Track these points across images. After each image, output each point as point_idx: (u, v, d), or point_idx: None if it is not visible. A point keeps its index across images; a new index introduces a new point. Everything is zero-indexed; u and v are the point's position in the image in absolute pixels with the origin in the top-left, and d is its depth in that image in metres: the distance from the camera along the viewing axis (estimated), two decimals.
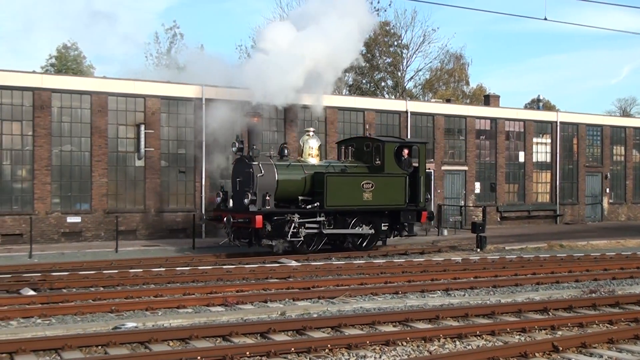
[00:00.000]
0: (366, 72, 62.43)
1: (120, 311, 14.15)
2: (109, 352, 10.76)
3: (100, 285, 17.61)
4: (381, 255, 25.10)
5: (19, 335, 11.76)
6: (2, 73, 28.99)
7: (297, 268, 20.40)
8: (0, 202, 28.50)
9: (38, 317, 13.49)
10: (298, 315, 13.70)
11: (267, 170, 23.65)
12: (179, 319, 13.31)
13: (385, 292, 16.38)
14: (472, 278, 18.81)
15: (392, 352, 10.73)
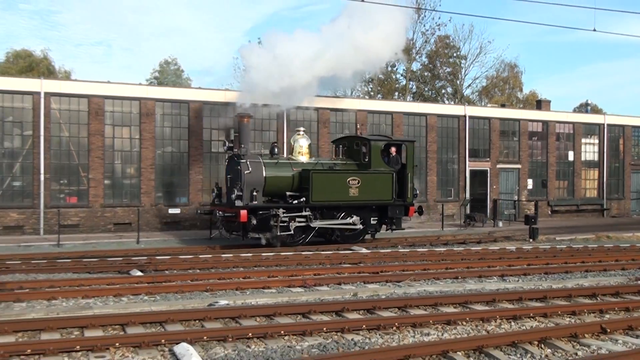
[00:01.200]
0: (428, 80, 62.25)
1: (214, 290, 14.35)
2: (205, 325, 10.99)
3: (197, 268, 17.88)
4: (442, 244, 24.91)
5: (129, 310, 12.12)
6: (115, 85, 29.77)
7: (367, 255, 20.38)
8: (113, 195, 29.35)
9: (145, 295, 13.84)
10: (368, 297, 13.75)
11: (255, 168, 22.92)
12: (264, 298, 13.50)
13: (446, 277, 16.29)
14: (525, 265, 18.57)
15: (453, 331, 10.72)
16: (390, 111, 35.34)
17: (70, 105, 29.02)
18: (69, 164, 28.83)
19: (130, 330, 10.60)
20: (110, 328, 10.79)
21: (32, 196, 28.17)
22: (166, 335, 9.99)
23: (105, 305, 12.84)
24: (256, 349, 9.59)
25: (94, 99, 29.18)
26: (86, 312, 11.93)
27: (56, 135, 28.54)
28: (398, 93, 60.24)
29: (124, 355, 9.27)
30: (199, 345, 9.63)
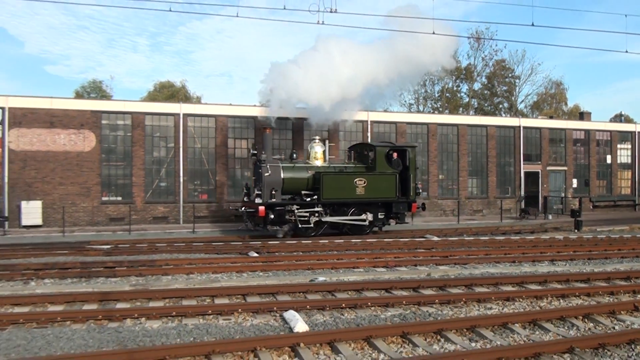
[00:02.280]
0: (487, 97, 61.27)
1: (314, 269, 14.60)
2: (307, 297, 11.20)
3: (300, 251, 18.16)
4: (501, 233, 24.45)
5: (249, 283, 12.47)
6: (235, 107, 30.55)
7: (438, 242, 20.25)
8: (234, 193, 30.04)
9: (260, 271, 14.20)
10: (440, 276, 13.68)
11: (274, 170, 22.34)
12: (354, 276, 13.60)
13: (505, 261, 16.00)
14: (571, 252, 18.02)
15: (512, 306, 10.57)
16: (456, 124, 34.91)
17: (202, 123, 29.91)
18: (201, 169, 29.72)
19: (249, 299, 10.94)
20: (234, 297, 11.16)
21: (174, 194, 29.24)
22: (277, 304, 10.25)
23: (230, 279, 13.24)
24: (348, 316, 9.75)
25: (219, 118, 30.00)
26: (215, 285, 12.36)
27: (191, 147, 29.56)
28: (462, 108, 59.54)
29: (245, 318, 9.58)
30: (303, 313, 9.85)
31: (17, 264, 15.30)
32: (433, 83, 59.10)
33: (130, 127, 28.87)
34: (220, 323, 9.29)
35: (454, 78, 59.22)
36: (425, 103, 59.59)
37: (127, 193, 28.72)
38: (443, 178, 34.43)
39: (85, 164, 27.97)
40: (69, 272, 13.91)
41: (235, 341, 8.06)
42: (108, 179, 28.56)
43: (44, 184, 27.37)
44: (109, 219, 28.16)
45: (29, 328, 9.17)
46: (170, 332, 8.68)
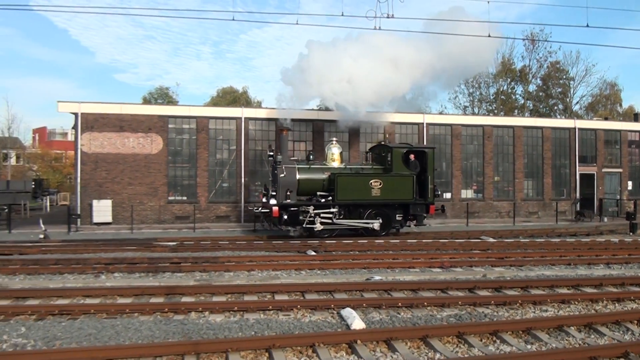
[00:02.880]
0: (542, 99, 59.83)
1: (370, 268, 14.51)
2: (364, 295, 11.14)
3: (357, 250, 18.08)
4: (556, 236, 23.78)
5: (307, 281, 12.48)
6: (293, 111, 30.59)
7: (494, 243, 19.83)
8: None
9: (318, 270, 14.21)
10: (495, 277, 13.39)
11: (289, 172, 21.78)
12: (410, 276, 13.47)
13: (560, 264, 15.54)
14: (627, 255, 17.35)
15: (567, 309, 10.27)
16: (512, 125, 34.14)
17: (262, 127, 30.17)
18: (261, 170, 29.90)
19: (308, 296, 10.95)
20: (293, 294, 11.18)
21: (235, 194, 29.58)
22: (334, 301, 10.22)
23: (289, 276, 13.30)
24: (404, 315, 9.64)
25: (279, 121, 30.18)
26: (275, 281, 12.43)
27: (252, 149, 29.83)
28: (517, 110, 58.27)
29: (304, 315, 9.59)
30: (360, 310, 9.79)
31: (88, 259, 15.77)
32: (488, 85, 58.10)
33: (195, 130, 29.39)
34: (280, 318, 9.32)
35: (509, 80, 58.05)
36: (480, 105, 58.63)
37: (191, 193, 29.24)
38: (498, 180, 33.73)
39: (153, 165, 28.61)
40: (137, 267, 14.23)
41: (295, 336, 8.07)
42: (174, 179, 29.14)
43: (114, 184, 28.12)
44: (175, 217, 28.72)
45: (99, 318, 9.42)
46: (233, 326, 8.76)
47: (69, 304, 10.32)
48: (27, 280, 13.00)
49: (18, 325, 9.01)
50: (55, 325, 8.94)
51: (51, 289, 11.48)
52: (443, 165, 32.61)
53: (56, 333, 8.54)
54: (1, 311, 9.76)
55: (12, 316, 9.61)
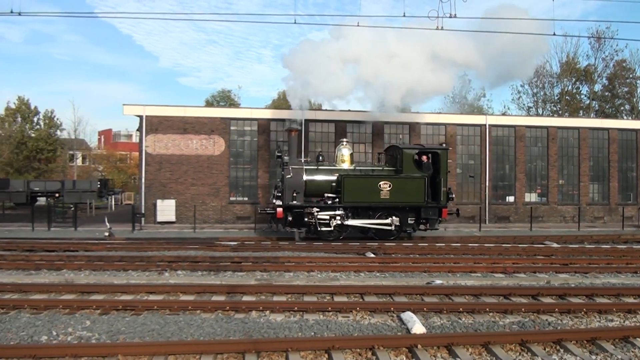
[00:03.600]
0: (608, 99, 57.80)
1: (430, 271, 14.25)
2: (424, 299, 10.95)
3: (417, 253, 17.82)
4: (622, 242, 22.82)
5: (366, 283, 12.35)
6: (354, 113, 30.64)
7: (558, 249, 19.22)
8: None
9: (377, 272, 14.05)
10: (560, 284, 12.93)
11: (296, 173, 21.41)
12: (471, 280, 13.18)
13: (627, 271, 14.85)
14: None
15: (634, 319, 9.81)
16: (577, 127, 33.15)
17: (322, 128, 30.26)
18: None
19: (367, 299, 10.84)
20: (352, 296, 11.09)
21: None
22: (394, 304, 10.09)
23: (348, 278, 13.23)
24: (466, 321, 9.43)
25: (339, 123, 30.23)
26: (335, 283, 12.37)
27: (312, 151, 29.84)
28: (582, 111, 56.49)
29: (363, 317, 9.50)
30: (420, 314, 9.63)
31: (152, 256, 16.11)
32: (552, 85, 56.49)
33: (256, 132, 29.73)
34: (340, 320, 9.26)
35: (574, 80, 56.33)
36: (544, 106, 57.11)
37: (252, 194, 29.56)
38: (563, 183, 32.77)
39: (215, 166, 29.08)
40: (199, 265, 14.46)
41: (354, 338, 8.01)
42: (235, 180, 29.54)
43: (178, 184, 28.72)
44: (236, 217, 29.11)
45: (162, 314, 9.57)
46: (293, 326, 8.76)
47: (133, 299, 10.54)
48: (92, 276, 13.38)
49: (83, 318, 9.28)
50: (119, 320, 9.15)
51: (116, 285, 11.77)
52: (506, 168, 31.96)
53: (120, 327, 8.73)
54: (67, 305, 10.07)
55: (77, 310, 9.89)
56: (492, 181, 31.67)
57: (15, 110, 59.10)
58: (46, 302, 10.23)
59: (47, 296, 11.06)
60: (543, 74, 55.44)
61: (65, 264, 14.82)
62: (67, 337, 8.33)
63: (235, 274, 13.73)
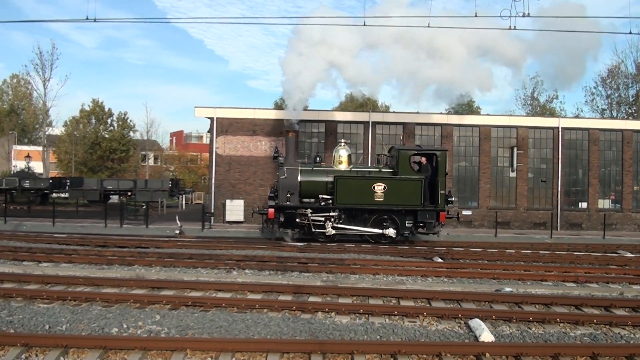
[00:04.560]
0: None
1: (499, 278, 13.93)
2: (492, 306, 10.72)
3: (485, 259, 17.47)
4: None
5: (433, 288, 12.19)
6: (422, 115, 30.36)
7: (631, 258, 18.39)
8: None
9: (444, 277, 13.86)
10: (633, 296, 12.39)
11: (291, 174, 21.10)
12: (542, 289, 12.80)
13: None
14: None
15: None
16: None
17: (390, 131, 30.12)
18: None
19: (434, 304, 10.72)
20: (419, 300, 10.98)
21: None
22: (462, 311, 9.94)
23: (415, 282, 13.08)
24: (535, 331, 9.17)
25: (407, 126, 30.03)
26: (401, 287, 12.27)
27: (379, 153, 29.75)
28: None
29: (430, 323, 9.39)
30: (489, 322, 9.44)
31: (221, 255, 16.45)
32: (627, 86, 54.14)
33: (324, 134, 29.87)
34: (406, 325, 9.19)
35: None
36: (619, 108, 54.87)
37: None
38: (638, 189, 31.39)
39: None
40: (266, 265, 14.66)
41: (421, 344, 7.93)
42: None
43: (246, 185, 29.19)
44: None
45: (230, 312, 9.75)
46: (358, 329, 8.75)
47: (202, 296, 10.79)
48: (163, 272, 13.78)
49: (153, 313, 9.56)
50: (188, 316, 9.38)
51: (185, 282, 12.08)
52: (579, 173, 30.95)
53: (189, 323, 8.94)
54: (138, 299, 10.42)
55: (147, 304, 10.20)
56: (564, 186, 30.70)
57: (89, 113, 61.67)
58: (117, 296, 10.63)
59: (118, 290, 11.47)
60: (617, 75, 53.35)
61: (137, 259, 15.32)
62: (137, 331, 8.61)
63: (301, 274, 13.84)
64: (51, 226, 26.09)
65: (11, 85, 74.72)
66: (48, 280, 12.27)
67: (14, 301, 10.40)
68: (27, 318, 9.14)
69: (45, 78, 55.87)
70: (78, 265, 14.93)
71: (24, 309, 9.74)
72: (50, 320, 9.05)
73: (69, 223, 27.42)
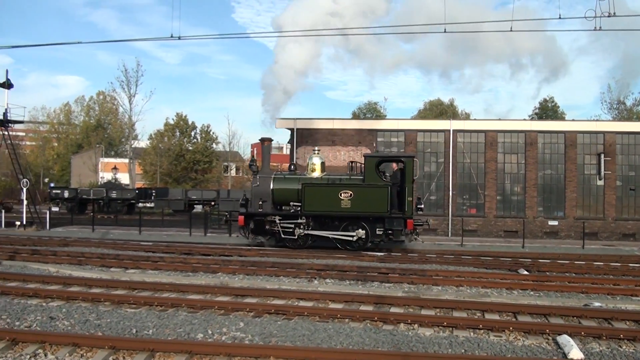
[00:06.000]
0: None
1: (588, 293, 13.36)
2: (581, 322, 10.31)
3: (573, 272, 16.83)
4: None
5: (519, 302, 11.83)
6: (505, 122, 29.80)
7: None
8: (504, 208, 29.25)
9: (530, 290, 13.43)
10: None
11: (263, 182, 21.53)
12: (632, 305, 12.18)
13: None
14: None
15: None
16: None
17: (471, 139, 29.63)
18: (470, 183, 29.41)
19: (520, 318, 10.43)
20: (504, 314, 10.71)
21: (443, 207, 29.35)
22: (549, 326, 9.61)
23: (500, 295, 12.77)
24: (627, 349, 8.74)
25: (489, 133, 29.44)
26: (485, 299, 12.01)
27: (460, 162, 29.42)
28: None
29: (516, 337, 9.12)
30: (577, 339, 9.08)
31: (302, 264, 16.66)
32: None
33: (403, 143, 29.73)
34: (491, 339, 8.98)
35: None
36: None
37: None
38: None
39: None
40: (347, 275, 14.70)
41: (508, 359, 7.74)
42: None
43: None
44: None
45: (312, 321, 9.84)
46: (442, 342, 8.63)
47: (284, 304, 10.94)
48: (246, 280, 14.07)
49: (237, 320, 9.77)
50: (271, 323, 9.54)
51: (268, 290, 12.30)
52: None
53: (272, 330, 9.09)
54: (222, 306, 10.70)
55: (231, 311, 10.46)
56: None
57: (174, 126, 63.97)
58: (202, 302, 10.95)
59: (203, 297, 11.80)
60: None
61: (221, 267, 15.73)
62: (222, 337, 8.82)
63: (382, 284, 13.80)
64: (137, 234, 27.17)
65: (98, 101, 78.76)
66: (135, 286, 12.82)
67: (102, 305, 10.94)
68: (114, 322, 9.56)
69: (130, 94, 58.30)
70: (164, 272, 15.48)
71: (112, 313, 10.21)
72: (137, 324, 9.44)
73: (154, 231, 28.46)
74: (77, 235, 26.16)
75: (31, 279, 13.66)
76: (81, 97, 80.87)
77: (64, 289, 12.58)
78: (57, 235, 26.09)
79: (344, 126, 30.25)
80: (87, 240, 23.20)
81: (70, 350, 7.96)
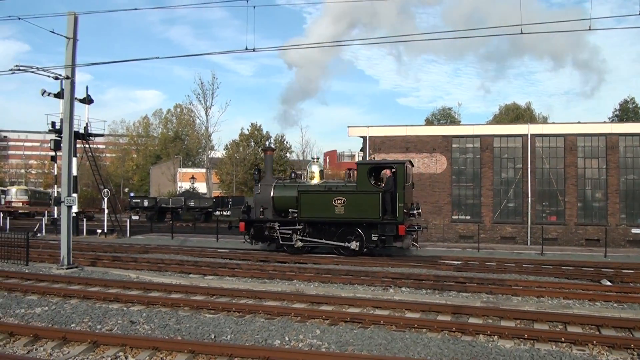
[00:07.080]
0: None
1: None
2: None
3: None
4: None
5: (602, 314, 11.35)
6: (584, 125, 28.80)
7: None
8: (585, 216, 28.21)
9: (614, 302, 12.85)
10: None
11: (264, 190, 22.47)
12: None
13: None
14: None
15: None
16: None
17: (550, 143, 28.79)
18: (549, 189, 28.55)
19: (604, 332, 10.00)
20: (587, 327, 10.32)
21: (521, 214, 28.60)
22: (635, 340, 9.15)
23: (582, 307, 12.33)
24: None
25: (568, 137, 28.51)
26: (567, 311, 11.62)
27: (539, 167, 28.62)
28: None
29: (600, 352, 8.75)
30: None
31: (377, 272, 16.61)
32: None
33: (479, 149, 29.21)
34: (574, 353, 8.65)
35: None
36: None
37: (475, 212, 29.05)
38: None
39: (437, 184, 29.11)
40: (423, 284, 14.55)
41: None
42: (458, 198, 29.28)
43: None
44: (459, 236, 28.79)
45: (388, 330, 9.79)
46: (523, 355, 8.37)
47: (360, 313, 10.95)
48: (321, 288, 14.16)
49: (313, 327, 9.83)
50: (347, 332, 9.52)
51: (343, 297, 12.34)
52: None
53: (348, 339, 9.09)
54: (298, 313, 10.81)
55: (307, 319, 10.54)
56: None
57: (248, 136, 65.25)
58: (279, 309, 11.09)
59: (279, 303, 11.96)
60: None
61: (296, 274, 15.91)
62: (299, 344, 8.89)
63: (459, 294, 13.58)
64: (215, 242, 27.84)
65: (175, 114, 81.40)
66: (213, 292, 13.13)
67: (182, 310, 11.27)
68: (193, 327, 9.81)
69: (207, 106, 60.01)
70: (241, 278, 15.80)
71: (191, 318, 10.47)
72: (215, 329, 9.64)
73: (231, 239, 28.99)
74: (156, 243, 27.08)
75: (112, 285, 14.24)
76: (159, 110, 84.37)
77: (144, 294, 13.04)
78: (137, 243, 27.09)
79: (417, 133, 30.03)
80: (166, 248, 23.99)
81: (150, 354, 8.23)
